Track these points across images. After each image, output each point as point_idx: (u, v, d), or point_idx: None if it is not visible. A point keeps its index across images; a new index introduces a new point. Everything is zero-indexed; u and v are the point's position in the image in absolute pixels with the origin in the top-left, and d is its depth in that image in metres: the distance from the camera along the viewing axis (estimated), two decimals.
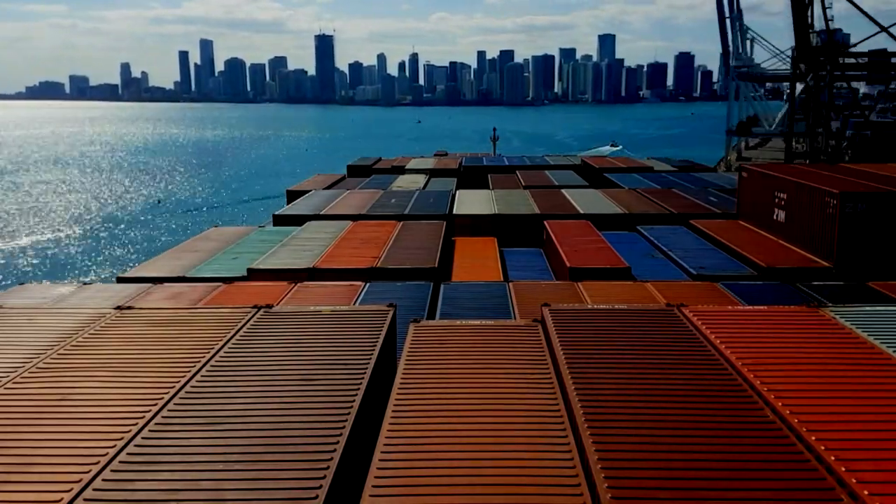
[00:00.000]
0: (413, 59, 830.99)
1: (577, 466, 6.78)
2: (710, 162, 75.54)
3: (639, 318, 10.71)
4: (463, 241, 26.06)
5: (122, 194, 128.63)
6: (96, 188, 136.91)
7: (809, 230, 22.23)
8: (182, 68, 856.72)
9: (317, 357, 9.48)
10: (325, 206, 32.16)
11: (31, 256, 78.10)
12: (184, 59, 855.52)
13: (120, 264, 71.36)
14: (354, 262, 21.29)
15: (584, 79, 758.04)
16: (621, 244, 23.71)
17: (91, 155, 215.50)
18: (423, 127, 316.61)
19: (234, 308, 11.74)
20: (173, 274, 20.99)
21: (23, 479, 6.51)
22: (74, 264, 75.06)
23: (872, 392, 8.09)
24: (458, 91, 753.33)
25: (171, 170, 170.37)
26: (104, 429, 7.48)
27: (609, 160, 54.44)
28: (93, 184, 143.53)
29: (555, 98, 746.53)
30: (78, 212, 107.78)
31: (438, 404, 8.15)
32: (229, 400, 8.24)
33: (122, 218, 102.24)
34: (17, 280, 52.38)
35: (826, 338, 9.73)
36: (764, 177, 26.01)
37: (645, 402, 7.96)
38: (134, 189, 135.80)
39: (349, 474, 7.09)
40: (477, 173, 47.04)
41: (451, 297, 17.40)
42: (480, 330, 10.58)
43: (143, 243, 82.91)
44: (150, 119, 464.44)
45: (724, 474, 6.52)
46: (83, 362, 9.38)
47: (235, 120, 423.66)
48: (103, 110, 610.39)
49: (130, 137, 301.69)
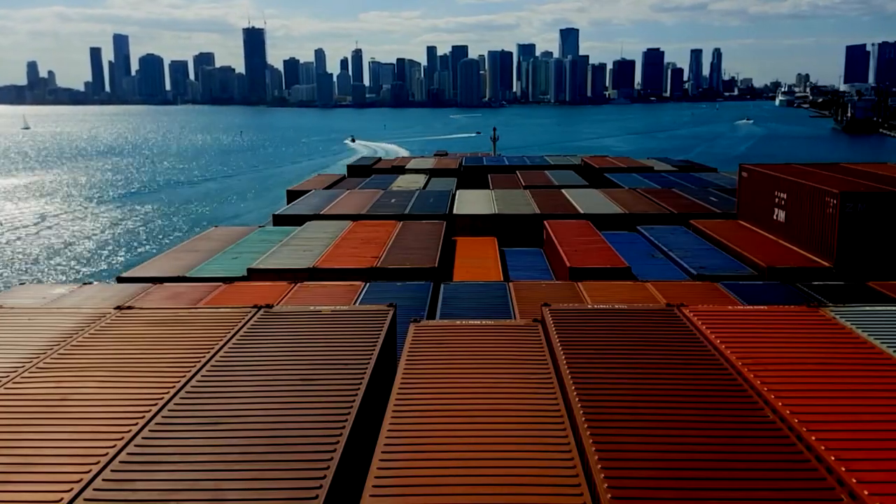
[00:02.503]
0: (357, 55, 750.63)
1: (577, 466, 6.78)
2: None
3: (639, 318, 10.72)
4: (463, 240, 26.06)
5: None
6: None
7: (809, 230, 22.23)
8: (94, 67, 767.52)
9: (317, 357, 9.48)
10: (325, 206, 32.17)
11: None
12: (96, 58, 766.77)
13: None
14: (354, 262, 21.29)
15: (546, 77, 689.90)
16: (621, 244, 23.72)
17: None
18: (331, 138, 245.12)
19: (234, 308, 11.74)
20: (173, 274, 20.99)
21: (23, 479, 6.51)
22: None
23: (872, 392, 8.09)
24: (406, 91, 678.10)
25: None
26: (104, 429, 7.49)
27: (609, 160, 54.37)
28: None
29: (514, 99, 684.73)
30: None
31: (438, 404, 8.15)
32: (229, 400, 8.24)
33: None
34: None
35: (826, 338, 9.73)
36: (764, 177, 26.00)
37: (645, 402, 7.96)
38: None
39: (349, 474, 7.09)
40: (477, 173, 47.07)
41: (451, 296, 17.40)
42: (480, 330, 10.58)
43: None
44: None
45: (724, 474, 6.52)
46: (83, 362, 9.38)
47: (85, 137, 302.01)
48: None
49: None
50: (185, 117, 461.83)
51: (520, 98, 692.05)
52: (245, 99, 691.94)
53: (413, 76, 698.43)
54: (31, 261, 72.15)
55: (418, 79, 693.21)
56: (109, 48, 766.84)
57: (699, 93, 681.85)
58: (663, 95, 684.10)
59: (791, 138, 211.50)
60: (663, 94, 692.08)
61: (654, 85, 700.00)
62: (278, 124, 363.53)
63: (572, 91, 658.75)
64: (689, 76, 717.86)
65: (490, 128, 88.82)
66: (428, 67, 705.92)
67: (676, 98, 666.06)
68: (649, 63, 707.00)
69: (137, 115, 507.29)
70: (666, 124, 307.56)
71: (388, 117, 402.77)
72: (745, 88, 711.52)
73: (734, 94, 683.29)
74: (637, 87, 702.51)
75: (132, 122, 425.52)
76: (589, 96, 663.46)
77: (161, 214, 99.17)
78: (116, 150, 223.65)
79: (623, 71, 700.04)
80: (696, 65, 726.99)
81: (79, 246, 78.98)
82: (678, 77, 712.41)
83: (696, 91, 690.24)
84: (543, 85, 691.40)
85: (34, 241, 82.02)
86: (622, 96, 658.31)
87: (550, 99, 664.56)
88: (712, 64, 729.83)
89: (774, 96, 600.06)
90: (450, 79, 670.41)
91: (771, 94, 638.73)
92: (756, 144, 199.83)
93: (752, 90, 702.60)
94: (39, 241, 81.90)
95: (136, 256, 66.82)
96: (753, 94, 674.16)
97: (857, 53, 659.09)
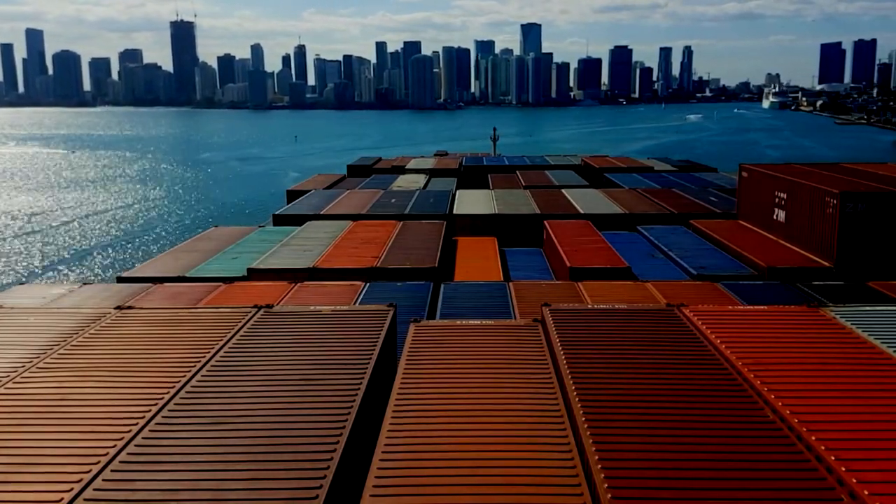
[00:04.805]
0: (300, 51, 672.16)
1: (578, 466, 6.78)
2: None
3: (639, 318, 10.72)
4: (464, 240, 26.07)
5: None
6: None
7: (809, 230, 22.22)
8: (5, 65, 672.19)
9: (317, 357, 9.48)
10: (325, 206, 32.17)
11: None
12: (7, 54, 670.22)
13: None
14: (354, 262, 21.29)
15: (507, 76, 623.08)
16: (621, 244, 23.72)
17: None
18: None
19: (234, 308, 11.75)
20: (173, 274, 21.00)
21: (23, 479, 6.51)
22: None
23: (872, 392, 8.09)
24: (352, 91, 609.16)
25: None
26: (104, 429, 7.49)
27: (609, 160, 54.39)
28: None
29: (472, 100, 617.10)
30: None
31: (439, 404, 8.15)
32: (229, 400, 8.25)
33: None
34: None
35: (826, 338, 9.73)
36: (764, 177, 26.00)
37: (645, 401, 7.96)
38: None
39: (349, 474, 7.09)
40: (477, 173, 47.05)
41: (451, 296, 17.40)
42: (481, 330, 10.58)
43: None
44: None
45: (725, 474, 6.52)
46: (83, 362, 9.39)
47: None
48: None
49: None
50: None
51: (479, 99, 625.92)
52: (172, 100, 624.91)
53: (361, 74, 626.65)
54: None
55: (366, 78, 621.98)
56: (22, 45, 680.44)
57: (669, 93, 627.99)
58: (632, 96, 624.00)
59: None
60: (632, 94, 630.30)
61: (622, 85, 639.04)
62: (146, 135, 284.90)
63: (535, 91, 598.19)
64: (657, 76, 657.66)
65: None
66: (377, 65, 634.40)
67: (646, 99, 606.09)
68: (617, 62, 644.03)
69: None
70: (659, 133, 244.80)
71: (326, 121, 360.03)
72: (717, 89, 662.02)
73: (707, 96, 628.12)
74: (604, 87, 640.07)
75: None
76: (553, 97, 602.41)
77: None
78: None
79: (589, 70, 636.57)
80: (666, 64, 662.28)
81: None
82: (647, 77, 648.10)
83: (666, 92, 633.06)
84: (504, 85, 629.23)
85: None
86: (588, 97, 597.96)
87: (512, 100, 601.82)
88: (682, 63, 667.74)
89: (752, 97, 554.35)
90: (401, 77, 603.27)
91: (746, 94, 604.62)
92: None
93: (725, 91, 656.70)
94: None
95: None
96: (728, 96, 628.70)
97: (832, 52, 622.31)
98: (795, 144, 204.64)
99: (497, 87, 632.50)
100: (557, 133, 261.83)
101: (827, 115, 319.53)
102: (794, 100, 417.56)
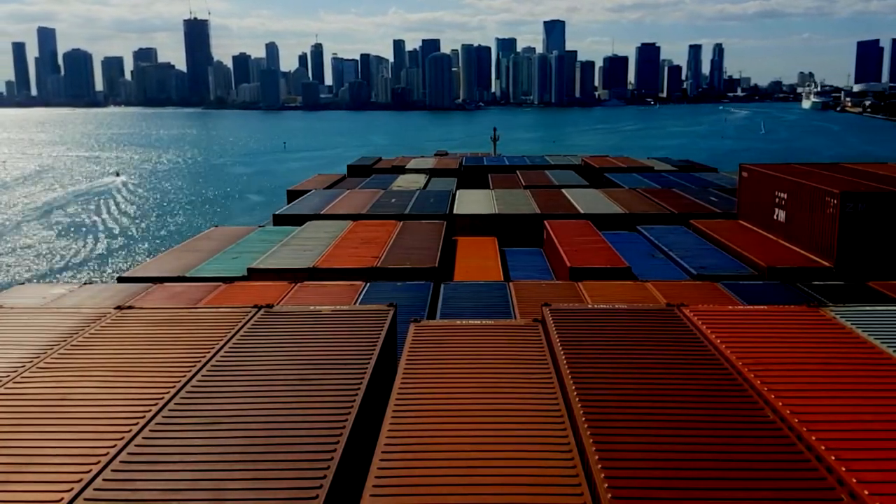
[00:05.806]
0: (316, 50, 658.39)
1: (578, 466, 6.78)
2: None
3: (639, 318, 10.71)
4: (464, 240, 26.07)
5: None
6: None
7: (810, 230, 22.21)
8: (18, 64, 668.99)
9: (317, 357, 9.48)
10: (326, 206, 32.16)
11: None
12: (19, 53, 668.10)
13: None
14: (354, 262, 21.29)
15: (529, 76, 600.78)
16: (621, 244, 23.72)
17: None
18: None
19: (235, 308, 11.74)
20: (174, 274, 21.00)
21: (23, 479, 6.51)
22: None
23: (872, 392, 8.08)
24: (368, 91, 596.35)
25: None
26: (104, 429, 7.49)
27: (609, 160, 54.39)
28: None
29: (492, 100, 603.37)
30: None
31: (439, 404, 8.15)
32: (229, 400, 8.24)
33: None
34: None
35: (826, 338, 9.73)
36: (764, 177, 26.00)
37: (645, 401, 7.95)
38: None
39: (349, 474, 7.09)
40: (477, 173, 47.06)
41: (451, 296, 17.40)
42: (481, 330, 10.58)
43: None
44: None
45: (725, 474, 6.52)
46: (83, 362, 9.38)
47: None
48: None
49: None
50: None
51: (499, 99, 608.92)
52: (184, 100, 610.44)
53: (379, 74, 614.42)
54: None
55: (383, 77, 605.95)
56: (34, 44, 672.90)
57: (699, 93, 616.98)
58: (659, 96, 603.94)
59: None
60: (659, 94, 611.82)
61: (650, 84, 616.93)
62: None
63: (559, 91, 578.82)
64: (687, 74, 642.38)
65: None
66: (394, 64, 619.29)
67: (675, 99, 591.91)
68: (644, 60, 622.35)
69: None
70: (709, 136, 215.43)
71: (331, 123, 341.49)
72: (749, 88, 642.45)
73: (738, 95, 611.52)
74: (630, 86, 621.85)
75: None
76: (577, 97, 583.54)
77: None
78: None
79: (615, 69, 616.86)
80: (695, 62, 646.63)
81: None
82: (676, 75, 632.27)
83: (695, 91, 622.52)
84: (526, 84, 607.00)
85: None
86: (614, 97, 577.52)
87: (534, 100, 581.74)
88: (713, 61, 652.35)
89: (786, 97, 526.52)
90: (419, 77, 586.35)
91: (780, 94, 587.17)
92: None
93: (758, 90, 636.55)
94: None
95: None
96: (761, 95, 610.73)
97: (870, 50, 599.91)
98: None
99: (518, 86, 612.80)
100: (583, 137, 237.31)
101: (881, 117, 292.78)
102: (836, 100, 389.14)
